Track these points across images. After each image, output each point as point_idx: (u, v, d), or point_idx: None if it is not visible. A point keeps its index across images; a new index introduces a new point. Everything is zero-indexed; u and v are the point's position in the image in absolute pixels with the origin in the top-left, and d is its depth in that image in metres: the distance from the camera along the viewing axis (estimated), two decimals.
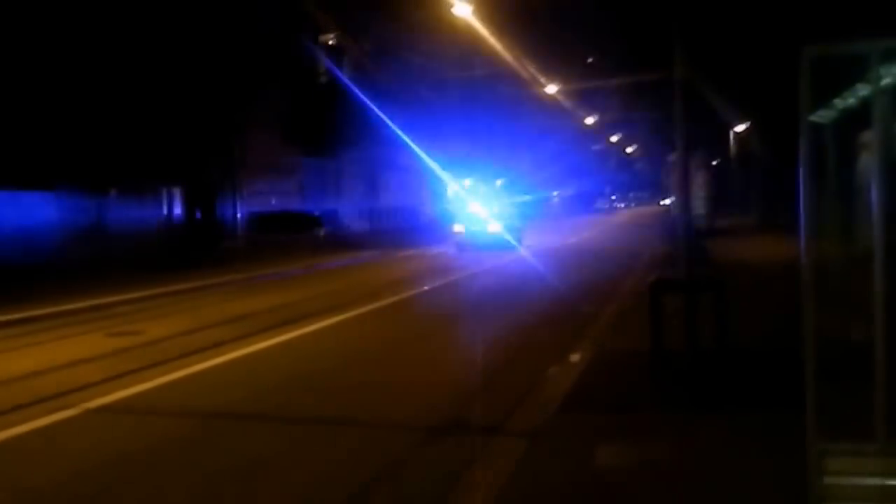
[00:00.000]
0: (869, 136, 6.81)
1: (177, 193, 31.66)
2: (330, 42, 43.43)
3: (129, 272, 22.32)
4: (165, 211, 31.17)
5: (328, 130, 42.24)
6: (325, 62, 43.62)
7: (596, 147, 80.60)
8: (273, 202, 44.12)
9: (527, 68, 41.96)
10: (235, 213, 31.04)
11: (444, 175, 58.63)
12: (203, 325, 13.44)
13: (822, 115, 9.06)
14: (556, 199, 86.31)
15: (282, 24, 32.57)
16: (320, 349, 11.53)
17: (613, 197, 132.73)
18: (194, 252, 27.61)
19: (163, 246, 27.52)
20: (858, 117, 7.91)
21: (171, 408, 8.26)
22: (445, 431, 7.04)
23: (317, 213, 40.76)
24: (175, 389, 9.03)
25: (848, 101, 8.68)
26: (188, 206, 31.75)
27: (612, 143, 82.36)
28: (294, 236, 36.13)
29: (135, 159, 27.76)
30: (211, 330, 12.97)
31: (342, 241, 35.37)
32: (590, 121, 62.42)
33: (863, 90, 7.26)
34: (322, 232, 35.60)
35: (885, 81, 5.18)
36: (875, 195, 4.68)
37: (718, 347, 7.63)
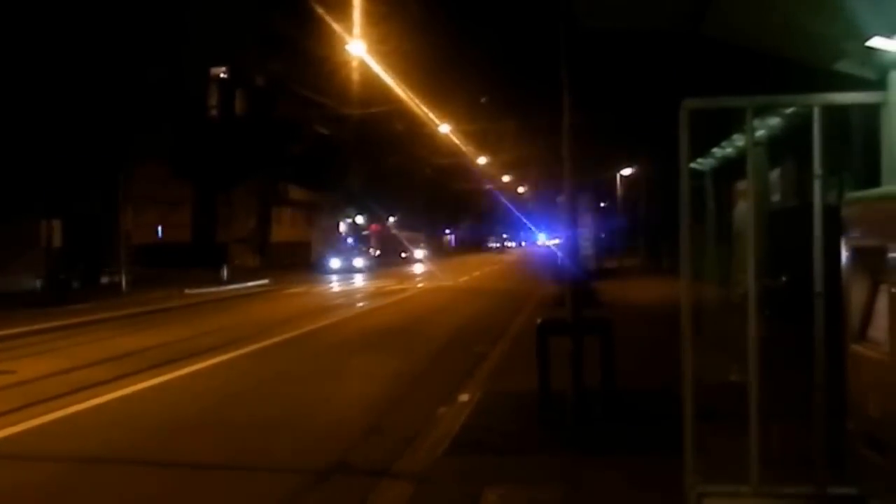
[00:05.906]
0: (745, 185, 7.09)
1: (57, 226, 30.39)
2: (221, 75, 42.78)
3: (3, 307, 21.33)
4: (45, 243, 29.87)
5: (218, 164, 41.51)
6: (215, 95, 42.92)
7: (489, 186, 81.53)
8: (160, 235, 43.10)
9: (421, 107, 42.35)
10: (119, 247, 30.00)
11: (338, 211, 58.34)
12: (80, 364, 12.92)
13: (702, 163, 9.40)
14: (448, 238, 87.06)
15: (172, 55, 31.86)
16: (202, 389, 11.21)
17: (505, 236, 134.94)
18: (75, 286, 26.57)
19: (42, 280, 26.37)
20: (736, 166, 8.25)
21: (45, 452, 7.87)
22: (332, 474, 6.91)
23: (205, 247, 39.93)
24: (49, 432, 8.63)
25: (726, 150, 9.03)
26: (68, 238, 30.54)
27: (504, 183, 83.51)
28: (181, 270, 35.27)
29: (11, 190, 26.60)
30: (89, 369, 12.49)
31: (231, 276, 34.69)
32: (482, 160, 63.19)
33: (739, 140, 7.58)
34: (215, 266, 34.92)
35: (759, 133, 5.41)
36: (749, 241, 4.86)
37: (605, 389, 7.72)
